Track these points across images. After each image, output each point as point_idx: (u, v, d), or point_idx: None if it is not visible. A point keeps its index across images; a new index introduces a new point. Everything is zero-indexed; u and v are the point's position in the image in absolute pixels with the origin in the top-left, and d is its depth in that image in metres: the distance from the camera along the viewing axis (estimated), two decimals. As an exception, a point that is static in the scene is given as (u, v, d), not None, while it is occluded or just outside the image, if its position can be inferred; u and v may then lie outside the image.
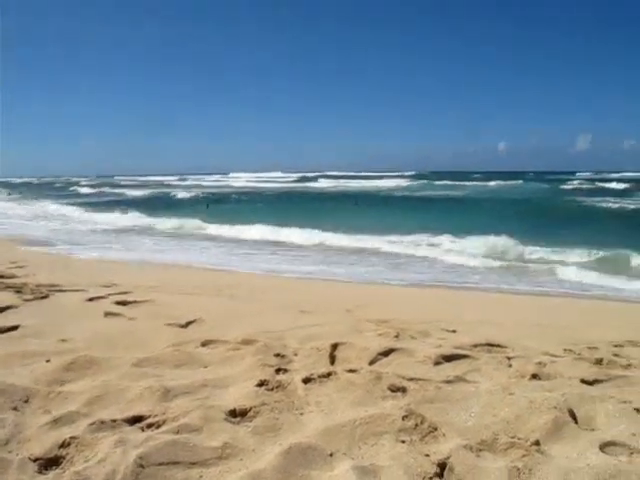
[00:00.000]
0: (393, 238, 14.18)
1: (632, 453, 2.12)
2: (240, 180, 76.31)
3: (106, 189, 52.69)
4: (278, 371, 3.00)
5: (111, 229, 18.00)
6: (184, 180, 79.55)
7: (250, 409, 2.44)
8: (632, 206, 26.17)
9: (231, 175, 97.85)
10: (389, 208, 26.89)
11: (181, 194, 38.57)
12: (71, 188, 56.44)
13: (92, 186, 59.29)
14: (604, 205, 27.66)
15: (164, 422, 2.28)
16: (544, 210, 23.94)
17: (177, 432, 2.17)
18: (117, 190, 50.04)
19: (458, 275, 9.72)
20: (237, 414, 2.41)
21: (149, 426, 2.25)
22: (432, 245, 13.52)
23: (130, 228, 18.36)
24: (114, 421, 2.25)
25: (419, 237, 14.51)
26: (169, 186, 58.38)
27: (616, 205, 27.61)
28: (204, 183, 68.37)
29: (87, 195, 45.18)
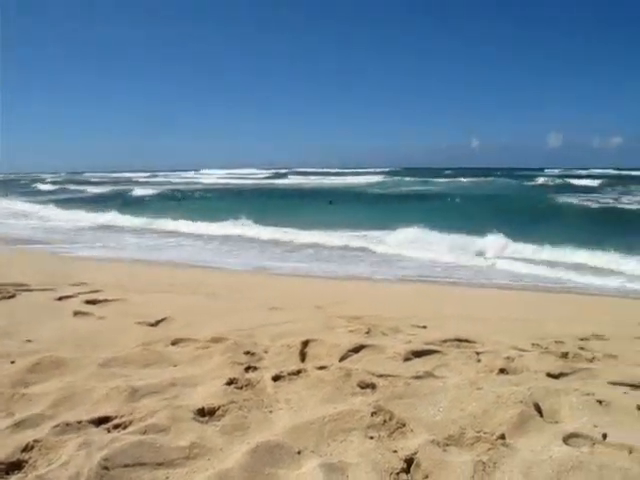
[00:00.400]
0: (339, 233, 14.77)
1: (594, 444, 2.16)
2: (211, 177, 75.66)
3: (70, 186, 51.53)
4: (248, 369, 2.99)
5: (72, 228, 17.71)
6: (154, 177, 78.41)
7: (218, 408, 2.42)
8: (595, 205, 26.57)
9: (202, 172, 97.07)
10: (355, 204, 26.98)
11: (141, 191, 37.78)
12: (33, 185, 55.15)
13: (55, 183, 58.09)
14: (568, 201, 28.14)
15: (131, 423, 2.25)
16: (508, 206, 24.19)
17: (144, 432, 2.15)
18: (80, 187, 49.00)
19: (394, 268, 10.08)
20: (205, 413, 2.39)
21: (115, 427, 2.22)
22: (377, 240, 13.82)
23: (88, 227, 18.10)
24: (79, 423, 2.21)
25: (367, 232, 15.00)
26: (136, 183, 57.45)
27: (579, 201, 28.12)
28: (174, 180, 67.47)
29: (47, 192, 44.19)
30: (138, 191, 37.92)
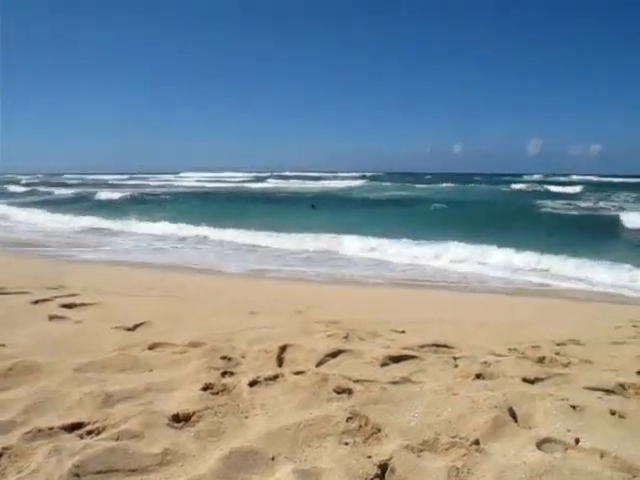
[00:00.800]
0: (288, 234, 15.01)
1: (567, 449, 2.18)
2: (190, 180, 75.33)
3: (41, 188, 50.73)
4: (224, 374, 2.97)
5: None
6: (132, 179, 77.67)
7: (193, 413, 2.41)
8: (573, 211, 26.91)
9: (182, 175, 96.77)
10: (338, 209, 27.09)
11: (106, 194, 37.11)
12: (4, 186, 54.36)
13: (29, 185, 57.35)
14: (542, 206, 28.53)
15: (104, 429, 2.23)
16: (484, 211, 24.46)
17: (117, 439, 2.12)
18: (50, 189, 48.21)
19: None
20: (180, 419, 2.37)
21: (88, 433, 2.19)
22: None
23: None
24: (51, 429, 2.18)
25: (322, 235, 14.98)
26: (109, 185, 56.93)
27: (554, 207, 28.54)
28: (152, 182, 66.91)
29: (17, 194, 43.58)
30: (103, 194, 37.34)
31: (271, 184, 63.49)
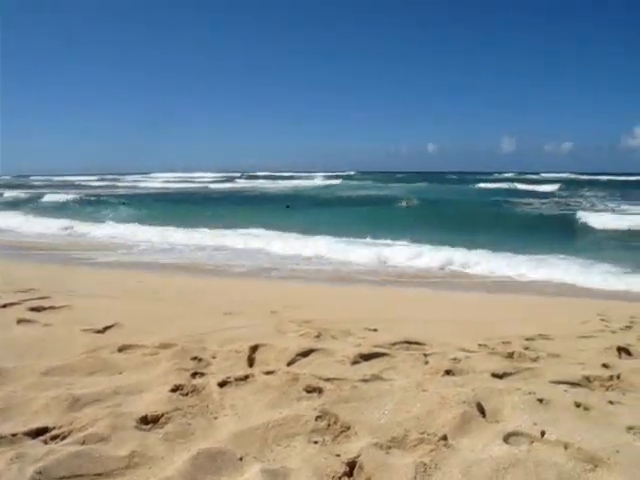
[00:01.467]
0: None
1: (532, 442, 2.22)
2: (157, 180, 74.77)
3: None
4: (194, 375, 2.95)
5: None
6: (102, 180, 76.53)
7: (162, 415, 2.39)
8: (537, 210, 27.30)
9: (152, 175, 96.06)
10: (312, 208, 27.21)
11: (53, 197, 36.43)
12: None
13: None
14: (507, 205, 29.03)
15: (70, 433, 2.20)
16: (451, 211, 24.83)
17: (83, 443, 2.09)
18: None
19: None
20: (148, 421, 2.35)
21: (53, 438, 2.16)
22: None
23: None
24: (14, 435, 2.14)
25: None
26: (69, 186, 56.19)
27: (517, 205, 29.05)
28: (119, 184, 66.05)
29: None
30: (50, 197, 36.65)
31: (239, 184, 63.57)
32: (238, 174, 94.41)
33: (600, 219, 19.91)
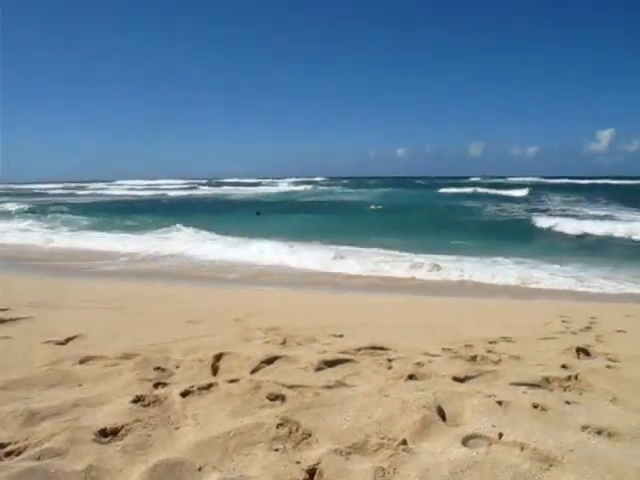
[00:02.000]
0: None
1: (490, 444, 2.25)
2: (120, 188, 73.86)
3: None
4: (157, 385, 2.92)
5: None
6: (67, 189, 74.94)
7: (122, 427, 2.35)
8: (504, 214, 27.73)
9: (117, 182, 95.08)
10: (282, 215, 27.20)
11: (8, 206, 35.66)
12: None
13: None
14: (465, 209, 29.51)
15: (25, 449, 2.14)
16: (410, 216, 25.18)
17: (38, 458, 2.05)
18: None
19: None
20: (107, 433, 2.31)
21: (8, 454, 2.10)
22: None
23: None
24: (-34, 453, 2.09)
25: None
26: (29, 195, 55.23)
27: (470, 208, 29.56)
28: (79, 192, 64.80)
29: None
30: (6, 205, 35.94)
31: (201, 191, 63.41)
32: (204, 181, 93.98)
33: (556, 222, 20.30)
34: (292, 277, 10.41)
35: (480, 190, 50.02)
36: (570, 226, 19.35)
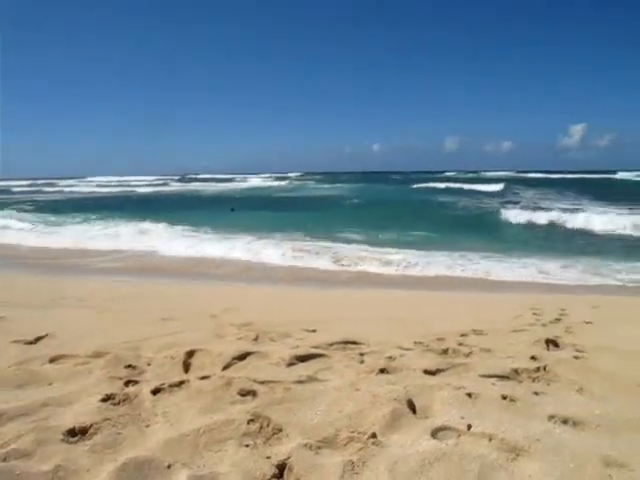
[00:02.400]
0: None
1: (459, 435, 2.29)
2: (90, 185, 72.79)
3: None
4: (127, 383, 2.90)
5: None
6: (33, 186, 73.48)
7: (91, 426, 2.33)
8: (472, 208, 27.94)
9: (87, 179, 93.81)
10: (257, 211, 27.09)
11: None
12: None
13: None
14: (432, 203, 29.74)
15: (-9, 450, 2.12)
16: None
17: (4, 459, 2.02)
18: None
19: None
20: (76, 433, 2.29)
21: (-28, 457, 2.08)
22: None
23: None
24: None
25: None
26: None
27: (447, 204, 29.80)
28: (45, 189, 63.40)
29: None
30: None
31: (173, 187, 62.95)
32: (176, 177, 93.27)
33: (525, 216, 20.55)
34: (266, 273, 10.40)
35: (455, 185, 50.32)
36: (538, 219, 19.61)
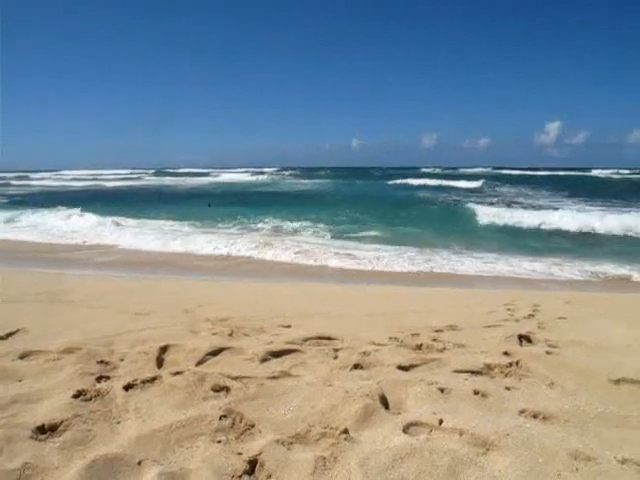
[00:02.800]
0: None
1: (431, 431, 2.31)
2: (63, 179, 71.72)
3: None
4: (100, 379, 2.87)
5: None
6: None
7: (61, 423, 2.30)
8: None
9: (62, 172, 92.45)
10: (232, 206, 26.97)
11: None
12: None
13: None
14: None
15: (-43, 448, 2.08)
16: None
17: (-30, 457, 1.99)
18: None
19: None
20: (46, 430, 2.26)
21: (-62, 455, 2.04)
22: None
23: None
24: None
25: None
26: None
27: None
28: (15, 182, 62.32)
29: None
30: None
31: (145, 181, 62.41)
32: (152, 171, 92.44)
33: (497, 213, 20.69)
34: (246, 267, 10.36)
35: (432, 182, 50.62)
36: (512, 217, 19.76)
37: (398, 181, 51.76)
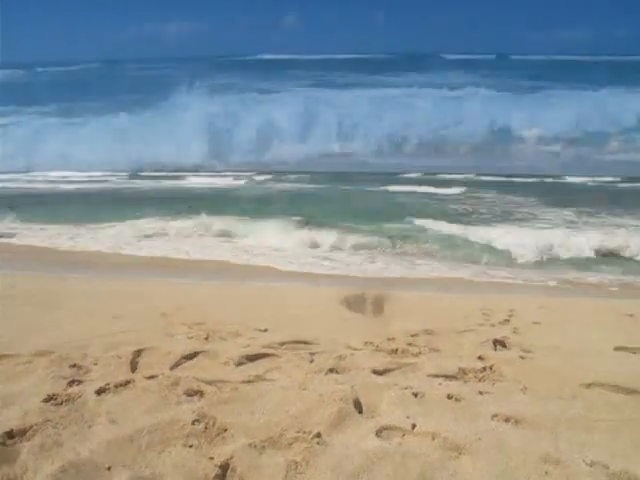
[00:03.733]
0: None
1: (404, 435, 2.33)
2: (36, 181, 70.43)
3: None
4: (71, 383, 2.83)
5: None
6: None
7: (30, 428, 2.27)
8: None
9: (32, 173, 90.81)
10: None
11: None
12: None
13: None
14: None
15: None
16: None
17: None
18: None
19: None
20: (14, 435, 2.23)
21: None
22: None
23: None
24: None
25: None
26: None
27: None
28: None
29: None
30: None
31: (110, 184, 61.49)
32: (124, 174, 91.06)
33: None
34: (224, 270, 10.31)
35: (416, 189, 50.71)
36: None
37: (380, 188, 51.69)
